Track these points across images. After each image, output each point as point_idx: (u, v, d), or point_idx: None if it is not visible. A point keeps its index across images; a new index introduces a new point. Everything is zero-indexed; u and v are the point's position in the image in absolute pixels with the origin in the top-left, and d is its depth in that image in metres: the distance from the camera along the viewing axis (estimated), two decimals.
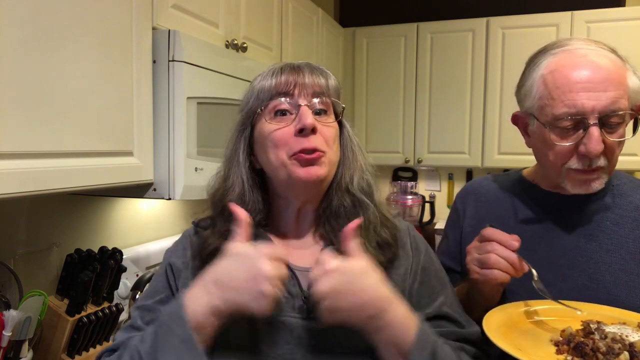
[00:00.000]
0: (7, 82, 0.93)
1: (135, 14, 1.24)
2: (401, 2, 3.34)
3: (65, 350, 1.32)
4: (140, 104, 1.26)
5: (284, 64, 0.85)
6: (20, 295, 1.28)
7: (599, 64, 0.92)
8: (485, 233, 0.92)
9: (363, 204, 0.85)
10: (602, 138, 0.91)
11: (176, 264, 0.88)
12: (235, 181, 0.85)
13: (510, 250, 0.88)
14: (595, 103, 0.89)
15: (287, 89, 0.82)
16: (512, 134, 2.79)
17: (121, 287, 1.55)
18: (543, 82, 0.96)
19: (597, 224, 1.01)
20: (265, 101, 0.83)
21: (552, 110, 0.93)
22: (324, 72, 0.86)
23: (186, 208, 2.06)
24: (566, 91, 0.92)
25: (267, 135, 0.82)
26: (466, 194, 1.21)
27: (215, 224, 0.86)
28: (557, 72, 0.94)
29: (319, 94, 0.83)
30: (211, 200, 0.89)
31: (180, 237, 0.93)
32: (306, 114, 0.80)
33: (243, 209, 0.80)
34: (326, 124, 0.83)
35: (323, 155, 0.81)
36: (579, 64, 0.92)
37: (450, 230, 1.22)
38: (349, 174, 0.87)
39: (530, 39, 2.70)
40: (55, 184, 1.03)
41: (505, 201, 1.12)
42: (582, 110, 0.90)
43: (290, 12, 2.14)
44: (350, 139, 0.89)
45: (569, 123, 0.92)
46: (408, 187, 3.25)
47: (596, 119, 0.90)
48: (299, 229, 0.89)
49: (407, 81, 3.01)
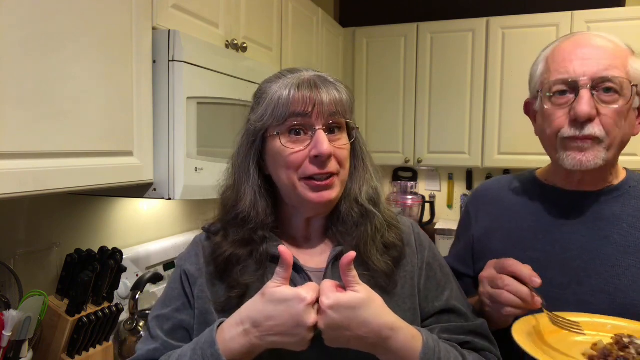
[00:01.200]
0: (7, 82, 0.93)
1: (135, 14, 1.24)
2: (401, 2, 3.34)
3: (65, 350, 1.32)
4: (140, 104, 1.26)
5: (300, 77, 0.83)
6: (20, 295, 1.28)
7: (598, 43, 0.95)
8: (505, 264, 0.88)
9: (370, 214, 0.86)
10: (596, 106, 0.91)
11: (190, 271, 0.88)
12: (247, 191, 0.86)
13: (524, 286, 0.84)
14: (587, 69, 0.92)
15: (304, 109, 0.80)
16: (512, 134, 2.81)
17: (121, 287, 1.55)
18: (545, 60, 1.01)
19: (614, 225, 0.98)
20: (280, 118, 0.81)
21: (549, 79, 0.96)
22: (338, 86, 0.84)
23: (186, 208, 2.06)
24: (560, 61, 0.96)
25: (280, 153, 0.82)
26: (477, 197, 1.19)
27: (227, 230, 0.87)
28: (557, 49, 0.99)
29: (334, 113, 0.82)
30: (222, 206, 0.89)
31: (192, 244, 0.94)
32: (322, 141, 0.79)
33: (255, 217, 0.83)
34: (340, 147, 0.83)
35: (336, 177, 0.82)
36: (579, 42, 0.97)
37: (461, 234, 1.20)
38: (358, 185, 0.88)
39: (530, 39, 2.70)
40: (55, 184, 1.03)
41: (518, 202, 1.09)
42: (573, 74, 0.93)
43: (290, 12, 2.14)
44: (361, 149, 0.89)
45: (562, 87, 0.94)
46: (408, 187, 3.25)
47: (588, 81, 0.91)
48: (308, 233, 0.90)
49: (407, 81, 3.01)
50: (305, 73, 0.84)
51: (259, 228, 0.85)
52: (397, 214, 0.95)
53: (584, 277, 0.96)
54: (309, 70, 0.85)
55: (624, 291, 0.93)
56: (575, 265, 0.97)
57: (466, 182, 3.27)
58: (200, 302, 0.86)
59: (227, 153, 0.93)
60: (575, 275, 0.97)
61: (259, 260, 0.84)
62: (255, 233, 0.85)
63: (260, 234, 0.85)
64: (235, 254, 0.84)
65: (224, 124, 1.52)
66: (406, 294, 0.87)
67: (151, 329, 0.88)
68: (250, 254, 0.84)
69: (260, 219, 0.85)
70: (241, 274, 0.83)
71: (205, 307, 0.85)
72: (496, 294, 0.86)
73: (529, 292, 0.83)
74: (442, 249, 3.24)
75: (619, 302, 0.92)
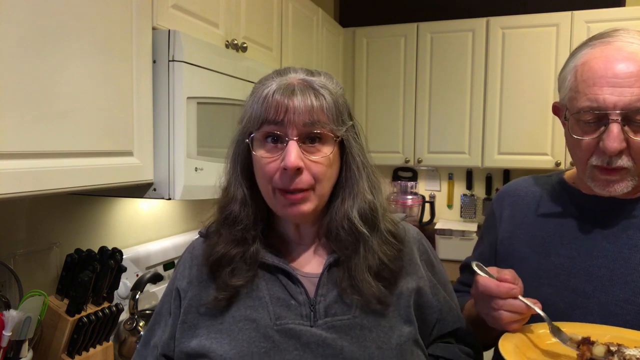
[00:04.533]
0: (7, 82, 0.93)
1: (135, 14, 1.24)
2: (401, 2, 3.34)
3: (65, 350, 1.32)
4: (140, 104, 1.26)
5: (279, 81, 0.81)
6: (20, 295, 1.28)
7: (632, 58, 0.87)
8: (480, 289, 0.87)
9: (362, 236, 0.82)
10: (626, 137, 0.87)
11: (181, 286, 0.89)
12: (237, 192, 0.86)
13: (517, 301, 0.84)
14: (618, 99, 0.86)
15: (275, 117, 0.77)
16: (512, 134, 2.82)
17: (121, 287, 1.55)
18: (574, 74, 0.93)
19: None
20: (256, 125, 0.80)
21: (577, 103, 0.91)
22: (318, 91, 0.80)
23: (186, 208, 2.06)
24: (590, 85, 0.89)
25: (257, 161, 0.82)
26: (503, 197, 1.15)
27: (221, 230, 0.87)
28: (587, 65, 0.91)
29: (310, 123, 0.78)
30: (217, 206, 0.89)
31: (183, 257, 0.94)
32: (290, 152, 0.76)
33: (246, 219, 0.83)
34: (315, 160, 0.79)
35: (310, 192, 0.80)
36: (609, 57, 0.89)
37: (486, 234, 1.17)
38: (348, 201, 0.83)
39: (530, 39, 2.70)
40: (55, 184, 1.03)
41: (544, 205, 1.06)
42: (603, 105, 0.87)
43: (290, 12, 2.14)
44: (354, 158, 0.84)
45: (591, 117, 0.89)
46: (408, 187, 3.25)
47: (618, 115, 0.86)
48: (301, 238, 0.90)
49: (407, 81, 3.01)
50: (292, 75, 0.82)
51: (250, 228, 0.85)
52: (401, 219, 0.93)
53: (609, 286, 0.92)
54: (299, 72, 0.83)
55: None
56: (600, 273, 0.93)
57: (466, 182, 3.27)
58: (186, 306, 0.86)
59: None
60: (600, 284, 0.93)
61: (250, 262, 0.83)
62: (248, 232, 0.84)
63: (252, 233, 0.85)
64: (227, 255, 0.84)
65: (224, 124, 1.52)
66: (402, 306, 0.84)
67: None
68: (243, 254, 0.83)
69: (251, 220, 0.85)
70: (230, 276, 0.83)
71: (189, 309, 0.86)
72: (497, 317, 0.86)
73: (524, 306, 0.84)
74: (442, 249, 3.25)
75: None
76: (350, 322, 0.80)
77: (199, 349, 0.81)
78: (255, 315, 0.81)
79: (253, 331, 0.79)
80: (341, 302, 0.82)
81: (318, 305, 0.81)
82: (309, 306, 0.81)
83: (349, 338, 0.79)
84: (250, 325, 0.80)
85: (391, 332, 0.81)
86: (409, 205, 3.19)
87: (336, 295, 0.82)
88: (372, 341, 0.79)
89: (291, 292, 0.83)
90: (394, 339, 0.80)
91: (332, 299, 0.82)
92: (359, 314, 0.81)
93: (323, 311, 0.81)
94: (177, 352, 0.84)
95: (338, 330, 0.79)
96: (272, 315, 0.81)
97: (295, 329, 0.80)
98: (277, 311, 0.81)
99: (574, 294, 0.93)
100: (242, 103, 1.55)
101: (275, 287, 0.84)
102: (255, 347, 0.78)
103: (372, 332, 0.80)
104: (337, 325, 0.80)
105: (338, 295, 0.82)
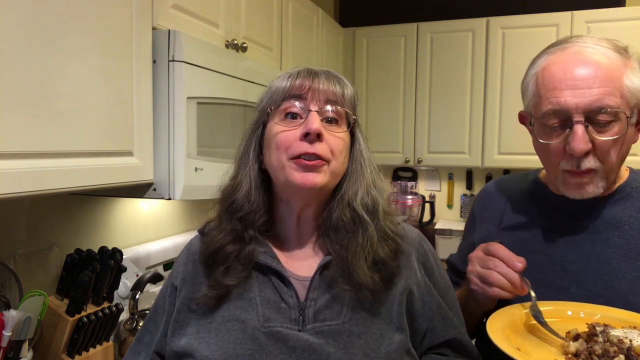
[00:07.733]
0: (7, 82, 0.92)
1: (135, 14, 1.24)
2: (401, 2, 3.34)
3: (65, 350, 1.32)
4: (140, 104, 1.26)
5: (302, 68, 0.85)
6: (20, 295, 1.28)
7: (589, 61, 0.89)
8: (491, 248, 0.90)
9: (363, 222, 0.83)
10: (591, 138, 0.88)
11: (176, 283, 0.89)
12: (244, 179, 0.85)
13: (513, 270, 0.86)
14: (579, 100, 0.87)
15: (300, 91, 0.81)
16: (512, 134, 2.81)
17: (121, 287, 1.55)
18: (535, 81, 0.96)
19: (614, 228, 0.96)
20: (277, 102, 0.83)
21: (541, 108, 0.93)
22: (341, 80, 0.85)
23: (186, 208, 2.06)
24: (551, 89, 0.91)
25: (273, 136, 0.82)
26: (482, 197, 1.18)
27: (221, 219, 0.87)
28: (547, 70, 0.93)
29: (332, 101, 0.82)
30: (221, 195, 0.89)
31: (180, 253, 0.95)
32: (313, 119, 0.79)
33: (248, 207, 0.83)
34: (334, 133, 0.82)
35: (325, 164, 0.80)
36: (568, 61, 0.91)
37: (467, 233, 1.20)
38: (353, 188, 0.85)
39: (530, 39, 2.70)
40: (55, 184, 1.03)
41: (521, 204, 1.08)
42: (565, 107, 0.89)
43: (290, 12, 2.14)
44: (361, 152, 0.87)
45: (556, 121, 0.91)
46: (408, 187, 3.25)
47: (581, 116, 0.88)
48: (299, 237, 0.88)
49: (407, 81, 3.01)
50: (314, 68, 0.86)
51: (249, 225, 0.84)
52: (402, 221, 0.92)
53: (582, 280, 0.95)
54: (320, 69, 0.87)
55: (622, 296, 0.91)
56: (574, 268, 0.96)
57: (466, 182, 3.27)
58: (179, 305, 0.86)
59: (227, 153, 0.93)
60: (574, 279, 0.96)
61: (244, 263, 0.83)
62: (246, 230, 0.84)
63: (250, 232, 0.84)
64: (223, 250, 0.83)
65: (224, 124, 1.52)
66: (394, 311, 0.82)
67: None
68: (238, 253, 0.83)
69: (252, 209, 0.84)
70: (224, 275, 0.82)
71: (182, 307, 0.86)
72: (486, 274, 0.88)
73: (518, 277, 0.86)
74: (442, 249, 3.25)
75: (618, 307, 0.90)
76: (339, 328, 0.79)
77: (186, 348, 0.80)
78: (244, 316, 0.80)
79: (240, 332, 0.79)
80: (332, 307, 0.80)
81: (308, 310, 0.80)
82: (298, 310, 0.80)
83: (336, 344, 0.77)
84: (239, 326, 0.79)
85: (381, 339, 0.79)
86: (409, 205, 3.19)
87: (327, 299, 0.81)
88: (359, 348, 0.77)
89: (282, 295, 0.82)
90: (383, 346, 0.78)
91: (322, 304, 0.81)
92: (349, 317, 0.79)
93: (312, 316, 0.80)
94: (167, 351, 0.84)
95: (326, 336, 0.78)
96: (260, 317, 0.80)
97: (282, 332, 0.78)
98: (267, 313, 0.80)
99: (551, 290, 0.95)
100: (242, 103, 1.56)
101: (267, 289, 0.83)
102: (241, 349, 0.77)
103: (361, 338, 0.78)
104: (326, 330, 0.78)
105: (329, 300, 0.81)
